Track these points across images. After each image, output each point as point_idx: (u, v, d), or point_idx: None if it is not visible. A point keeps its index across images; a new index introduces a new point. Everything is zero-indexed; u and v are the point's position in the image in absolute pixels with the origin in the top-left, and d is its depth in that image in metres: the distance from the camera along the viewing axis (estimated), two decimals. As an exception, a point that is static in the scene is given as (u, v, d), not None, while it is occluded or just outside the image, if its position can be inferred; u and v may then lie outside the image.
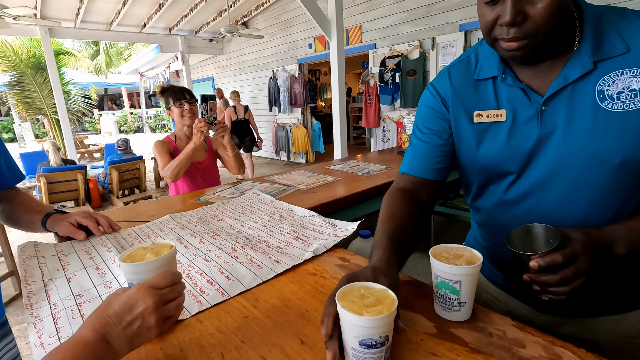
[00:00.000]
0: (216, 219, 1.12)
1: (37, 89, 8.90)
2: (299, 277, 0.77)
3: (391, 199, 0.78)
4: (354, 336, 0.47)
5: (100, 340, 0.45)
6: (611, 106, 0.60)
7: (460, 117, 0.76)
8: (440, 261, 0.59)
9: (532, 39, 0.59)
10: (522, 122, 0.68)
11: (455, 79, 0.77)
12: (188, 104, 1.78)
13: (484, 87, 0.73)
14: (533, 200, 0.70)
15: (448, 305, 0.60)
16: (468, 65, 0.76)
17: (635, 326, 0.71)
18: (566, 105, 0.64)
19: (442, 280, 0.59)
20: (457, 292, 0.58)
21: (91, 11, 6.08)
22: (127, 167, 4.61)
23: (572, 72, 0.62)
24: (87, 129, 16.96)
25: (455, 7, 4.43)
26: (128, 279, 0.62)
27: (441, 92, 0.79)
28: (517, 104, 0.69)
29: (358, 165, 1.85)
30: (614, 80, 0.60)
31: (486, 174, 0.75)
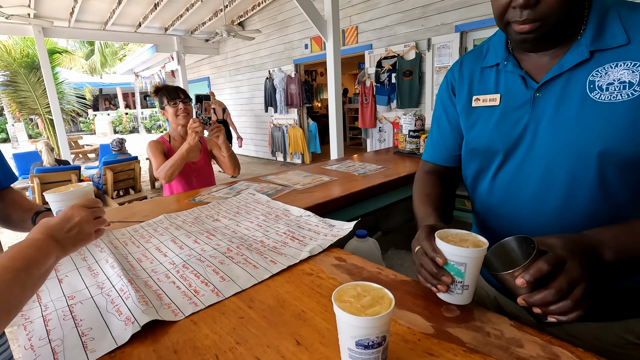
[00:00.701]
0: (211, 219, 1.11)
1: (31, 88, 8.82)
2: (295, 277, 0.77)
3: (422, 182, 0.89)
4: (350, 336, 0.46)
5: (49, 239, 0.56)
6: (599, 96, 0.61)
7: (463, 102, 0.80)
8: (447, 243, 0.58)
9: (544, 21, 0.60)
10: (514, 107, 0.71)
11: (465, 66, 0.82)
12: (182, 103, 1.77)
13: (488, 74, 0.76)
14: (516, 187, 0.72)
15: (451, 288, 0.59)
16: (480, 54, 0.80)
17: (622, 336, 0.69)
18: (558, 93, 0.65)
19: (447, 263, 0.58)
20: (461, 274, 0.58)
21: (86, 10, 6.03)
22: (122, 168, 4.57)
23: (568, 60, 0.63)
24: (82, 129, 16.83)
25: (451, 8, 4.45)
26: (56, 208, 0.73)
27: (451, 79, 0.85)
28: (513, 90, 0.71)
29: (354, 165, 1.85)
30: (607, 71, 0.61)
31: (478, 157, 0.79)
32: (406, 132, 2.09)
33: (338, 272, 0.78)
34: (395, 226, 1.74)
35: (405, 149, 2.11)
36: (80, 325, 0.61)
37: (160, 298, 0.69)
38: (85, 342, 0.57)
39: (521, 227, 0.74)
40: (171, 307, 0.67)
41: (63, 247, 0.58)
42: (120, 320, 0.61)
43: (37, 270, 0.51)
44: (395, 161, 1.91)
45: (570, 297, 0.51)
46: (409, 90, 5.00)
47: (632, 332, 0.69)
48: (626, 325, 0.69)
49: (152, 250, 0.90)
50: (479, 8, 4.19)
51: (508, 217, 0.77)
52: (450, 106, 0.85)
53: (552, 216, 0.69)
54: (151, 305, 0.64)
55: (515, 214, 0.75)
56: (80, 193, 0.70)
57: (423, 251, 0.62)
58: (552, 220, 0.69)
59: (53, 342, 0.57)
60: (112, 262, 0.81)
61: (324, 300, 0.67)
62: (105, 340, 0.58)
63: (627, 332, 0.69)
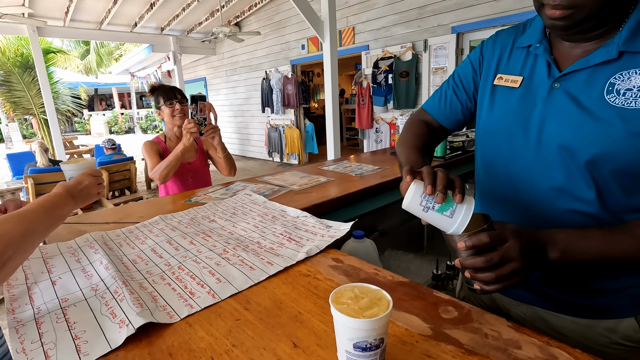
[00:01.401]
0: (207, 220, 1.10)
1: (25, 88, 8.75)
2: (291, 279, 0.76)
3: (416, 129, 0.91)
4: (348, 339, 0.46)
5: (67, 193, 0.78)
6: (613, 100, 0.59)
7: (488, 77, 0.79)
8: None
9: (576, 10, 0.57)
10: (532, 94, 0.69)
11: (499, 40, 0.80)
12: (179, 103, 1.76)
13: (517, 54, 0.75)
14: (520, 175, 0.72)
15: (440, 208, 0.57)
16: (517, 31, 0.78)
17: (606, 335, 0.70)
18: (576, 88, 0.63)
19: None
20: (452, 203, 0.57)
21: (81, 10, 5.99)
22: (118, 168, 4.54)
23: (596, 56, 0.61)
24: (77, 129, 16.72)
25: (447, 9, 4.47)
26: (69, 175, 0.94)
27: (484, 49, 0.83)
28: (536, 76, 0.70)
29: (351, 165, 1.84)
30: (630, 77, 0.58)
31: (491, 138, 0.78)
32: (403, 132, 2.09)
33: (335, 274, 0.77)
34: (392, 227, 1.74)
35: (402, 149, 2.10)
36: (73, 328, 0.60)
37: (155, 300, 0.68)
38: (79, 345, 0.56)
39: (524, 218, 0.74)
40: (166, 309, 0.66)
41: (75, 200, 0.80)
42: (115, 323, 0.61)
43: (59, 212, 0.73)
44: (392, 162, 1.90)
45: (496, 270, 0.55)
46: (405, 91, 5.01)
47: (617, 332, 0.70)
48: (611, 325, 0.70)
49: (147, 252, 0.89)
50: (475, 9, 4.21)
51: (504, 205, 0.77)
52: (470, 76, 0.84)
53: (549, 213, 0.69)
54: (146, 308, 0.64)
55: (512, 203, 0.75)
56: (88, 164, 0.95)
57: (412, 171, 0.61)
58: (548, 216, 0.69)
59: (46, 345, 0.56)
60: (106, 263, 0.80)
61: (321, 302, 0.67)
62: (99, 343, 0.57)
63: (612, 332, 0.70)
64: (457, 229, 0.56)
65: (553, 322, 0.75)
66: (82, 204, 0.82)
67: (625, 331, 0.69)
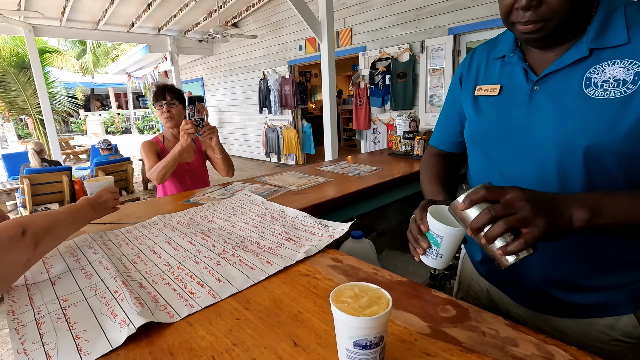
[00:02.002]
0: (206, 220, 1.11)
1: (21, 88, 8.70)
2: (291, 278, 0.76)
3: (429, 163, 0.95)
4: (348, 337, 0.46)
5: (88, 205, 0.94)
6: (593, 93, 0.62)
7: (469, 90, 0.83)
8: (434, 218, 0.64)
9: (546, 22, 0.62)
10: (512, 99, 0.73)
11: (476, 56, 0.85)
12: (168, 105, 1.74)
13: (494, 65, 0.79)
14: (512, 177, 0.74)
15: (428, 253, 0.67)
16: (492, 45, 0.82)
17: (606, 332, 0.72)
18: (555, 88, 0.67)
19: (429, 232, 0.66)
20: (437, 244, 0.65)
21: (77, 9, 5.96)
22: (114, 169, 4.53)
23: (569, 57, 0.65)
24: (73, 129, 16.63)
25: (444, 11, 4.49)
26: (91, 191, 1.08)
27: (461, 69, 0.88)
28: (515, 82, 0.73)
29: (349, 166, 1.85)
30: (604, 69, 0.62)
31: (477, 146, 0.82)
32: (400, 133, 2.10)
33: (334, 273, 0.78)
34: (389, 227, 1.75)
35: (399, 150, 2.12)
36: (74, 328, 0.60)
37: (155, 300, 0.69)
38: (80, 345, 0.56)
39: None
40: (166, 308, 0.66)
41: (94, 210, 0.95)
42: (115, 323, 0.61)
43: (78, 215, 0.90)
44: (389, 162, 1.91)
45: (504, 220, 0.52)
46: (402, 92, 5.03)
47: (617, 329, 0.71)
48: (611, 322, 0.71)
49: (146, 252, 0.89)
50: (472, 11, 4.24)
51: None
52: (458, 95, 0.88)
53: None
54: (146, 307, 0.64)
55: None
56: (107, 183, 1.11)
57: (414, 218, 0.70)
58: None
59: (46, 345, 0.56)
60: (106, 263, 0.80)
61: (320, 301, 0.68)
62: (100, 342, 0.57)
63: (612, 329, 0.71)
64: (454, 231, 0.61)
65: (554, 321, 0.77)
66: (100, 214, 0.98)
67: (625, 328, 0.71)
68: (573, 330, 0.74)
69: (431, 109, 4.83)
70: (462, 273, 1.00)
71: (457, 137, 0.91)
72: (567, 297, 0.74)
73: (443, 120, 0.95)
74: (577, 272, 0.71)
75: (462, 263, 1.02)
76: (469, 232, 0.56)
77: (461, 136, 0.90)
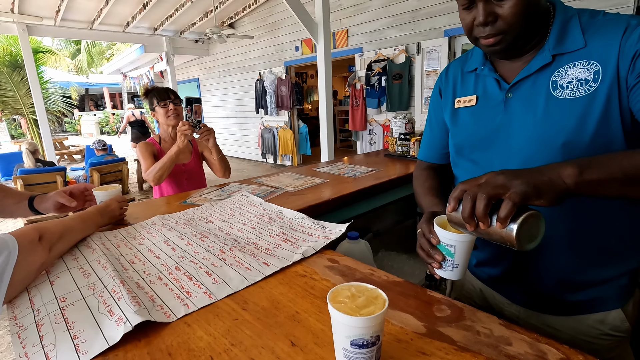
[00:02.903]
0: (204, 221, 1.11)
1: (14, 88, 8.62)
2: (288, 279, 0.77)
3: (422, 177, 0.97)
4: (345, 336, 0.47)
5: (97, 212, 1.02)
6: (560, 94, 0.68)
7: (449, 103, 0.87)
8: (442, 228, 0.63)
9: (505, 35, 0.67)
10: (490, 107, 0.78)
11: (450, 71, 0.90)
12: (172, 104, 1.76)
13: (469, 78, 0.84)
14: None
15: (443, 265, 0.65)
16: (464, 60, 0.88)
17: (596, 327, 0.75)
18: (527, 93, 0.72)
19: (440, 244, 0.64)
20: (451, 254, 0.63)
21: (72, 9, 5.93)
22: (109, 169, 4.51)
23: (534, 64, 0.70)
24: (67, 129, 16.50)
25: (439, 13, 4.52)
26: (100, 199, 1.14)
27: (439, 83, 0.93)
28: (489, 92, 0.78)
29: (345, 167, 1.86)
30: (567, 71, 0.67)
31: (461, 155, 0.86)
32: (396, 134, 2.12)
33: (331, 274, 0.79)
34: (385, 228, 1.76)
35: (395, 151, 2.13)
36: (72, 327, 0.60)
37: (152, 300, 0.69)
38: (77, 344, 0.57)
39: None
40: (163, 308, 0.66)
41: (102, 217, 1.04)
42: (112, 321, 0.61)
43: (88, 221, 0.98)
44: (385, 164, 1.93)
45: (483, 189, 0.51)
46: (398, 94, 5.06)
47: (606, 323, 0.74)
48: (600, 317, 0.74)
49: (144, 252, 0.89)
50: (467, 13, 4.26)
51: None
52: (439, 108, 0.93)
53: None
54: (143, 306, 0.64)
55: None
56: (115, 192, 1.17)
57: (422, 232, 0.69)
58: None
59: (46, 347, 0.56)
60: (104, 263, 0.80)
61: (317, 302, 0.68)
62: (97, 341, 0.57)
63: (602, 324, 0.74)
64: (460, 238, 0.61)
65: (546, 318, 0.79)
66: (107, 221, 1.08)
67: (614, 322, 0.74)
68: (564, 326, 0.77)
69: (427, 110, 4.85)
70: None
71: (445, 148, 0.94)
72: (559, 295, 0.76)
73: (429, 134, 0.99)
74: (568, 268, 0.74)
75: None
76: (469, 227, 0.54)
77: (448, 147, 0.93)
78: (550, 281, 0.76)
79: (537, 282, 0.77)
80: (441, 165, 0.98)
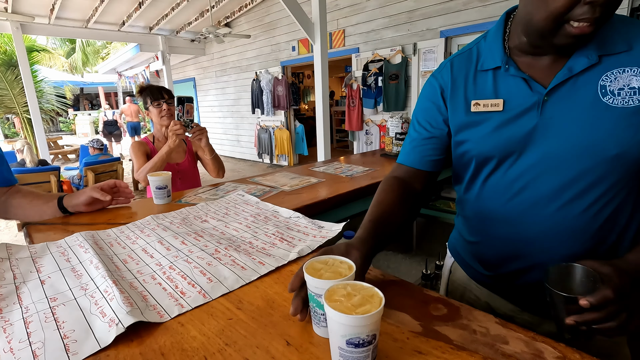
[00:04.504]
0: (199, 220, 1.10)
1: (8, 86, 8.53)
2: (283, 278, 0.76)
3: (384, 186, 0.84)
4: (341, 335, 0.46)
5: None
6: (612, 101, 0.62)
7: (458, 106, 0.77)
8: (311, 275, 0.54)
9: (601, 21, 0.58)
10: (520, 112, 0.70)
11: (456, 69, 0.79)
12: (166, 104, 1.74)
13: (483, 78, 0.75)
14: (526, 189, 0.72)
15: (315, 320, 0.57)
16: (470, 57, 0.78)
17: None
18: (568, 97, 0.66)
19: (310, 294, 0.55)
20: (321, 306, 0.52)
21: (67, 7, 5.88)
22: (104, 169, 4.47)
23: (577, 64, 0.64)
24: (62, 129, 16.36)
25: (435, 14, 4.54)
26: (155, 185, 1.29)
27: (441, 82, 0.81)
28: (517, 94, 0.70)
29: (341, 167, 1.85)
30: (616, 77, 0.62)
31: (474, 162, 0.77)
32: (393, 134, 2.12)
33: (327, 273, 0.78)
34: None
35: (392, 151, 2.13)
36: (62, 327, 0.59)
37: (145, 299, 0.68)
38: (67, 344, 0.55)
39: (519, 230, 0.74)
40: (157, 308, 0.65)
41: None
42: (104, 322, 0.60)
43: None
44: (382, 163, 1.92)
45: (616, 319, 0.55)
46: (395, 94, 5.07)
47: None
48: None
49: (138, 252, 0.88)
50: (463, 14, 4.29)
51: (505, 220, 0.76)
52: (435, 110, 0.82)
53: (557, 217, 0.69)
54: (136, 307, 0.63)
55: (515, 217, 0.74)
56: (168, 177, 1.30)
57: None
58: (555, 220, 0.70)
59: (34, 344, 0.55)
60: (96, 263, 0.79)
61: (313, 301, 0.67)
62: (88, 342, 0.56)
63: None
64: None
65: None
66: None
67: None
68: None
69: (423, 110, 4.87)
70: (452, 284, 0.96)
71: (438, 153, 0.84)
72: None
73: (415, 136, 0.86)
74: None
75: (451, 274, 0.97)
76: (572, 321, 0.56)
77: (444, 153, 0.84)
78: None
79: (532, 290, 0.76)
80: (421, 173, 0.85)
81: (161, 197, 1.30)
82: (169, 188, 1.31)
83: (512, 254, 0.76)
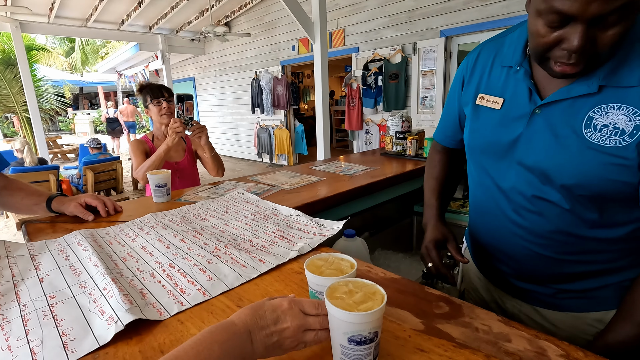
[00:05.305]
0: (199, 218, 1.09)
1: (7, 85, 8.51)
2: (284, 276, 0.76)
3: (432, 162, 1.00)
4: (342, 332, 0.46)
5: (247, 335, 0.47)
6: (590, 136, 0.61)
7: (470, 94, 0.81)
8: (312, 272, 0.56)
9: (588, 61, 0.56)
10: (513, 117, 0.71)
11: (481, 59, 0.80)
12: (166, 102, 1.73)
13: (498, 73, 0.75)
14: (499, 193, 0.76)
15: None
16: (499, 47, 0.77)
17: (595, 325, 0.74)
18: (557, 116, 0.64)
19: (311, 291, 0.57)
20: None
21: (66, 6, 5.86)
22: (103, 168, 4.46)
23: (576, 89, 0.62)
24: (61, 128, 16.33)
25: (435, 13, 4.53)
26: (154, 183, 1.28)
27: (463, 72, 0.84)
28: (517, 99, 0.70)
29: (341, 166, 1.85)
30: (608, 112, 0.59)
31: (474, 155, 0.82)
32: (393, 133, 2.11)
33: (327, 271, 0.77)
34: (382, 227, 1.75)
35: (392, 150, 2.12)
36: (60, 325, 0.59)
37: (144, 297, 0.67)
38: (66, 342, 0.55)
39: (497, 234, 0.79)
40: (156, 306, 0.65)
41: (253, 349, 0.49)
42: (103, 320, 0.59)
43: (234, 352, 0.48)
44: (381, 162, 1.92)
45: None
46: (395, 93, 5.06)
47: (604, 322, 0.73)
48: (599, 316, 0.74)
49: (137, 249, 0.88)
50: (463, 14, 4.29)
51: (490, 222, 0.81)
52: (457, 95, 0.86)
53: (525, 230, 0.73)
54: (135, 305, 0.63)
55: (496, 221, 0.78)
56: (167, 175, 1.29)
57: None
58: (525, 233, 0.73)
59: (32, 342, 0.54)
60: (95, 260, 0.78)
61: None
62: (87, 340, 0.56)
63: (600, 322, 0.74)
64: None
65: (544, 313, 0.79)
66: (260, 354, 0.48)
67: None
68: (563, 323, 0.77)
69: (423, 110, 4.87)
70: (464, 266, 1.03)
71: (456, 135, 0.92)
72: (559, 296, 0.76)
73: (445, 116, 0.95)
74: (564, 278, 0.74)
75: None
76: None
77: (460, 134, 0.90)
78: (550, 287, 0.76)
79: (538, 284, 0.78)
80: (453, 149, 0.96)
81: (160, 195, 1.29)
82: (169, 186, 1.31)
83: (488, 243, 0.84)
